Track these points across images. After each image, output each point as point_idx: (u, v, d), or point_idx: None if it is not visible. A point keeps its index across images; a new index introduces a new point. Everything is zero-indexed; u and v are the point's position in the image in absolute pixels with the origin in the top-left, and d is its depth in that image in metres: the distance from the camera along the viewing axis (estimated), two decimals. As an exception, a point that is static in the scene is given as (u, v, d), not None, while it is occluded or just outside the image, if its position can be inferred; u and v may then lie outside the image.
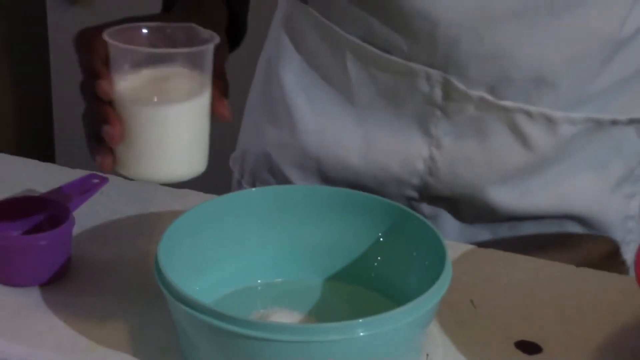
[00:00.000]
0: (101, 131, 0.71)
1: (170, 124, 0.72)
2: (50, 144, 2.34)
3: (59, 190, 0.90)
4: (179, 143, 0.73)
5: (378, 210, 0.84)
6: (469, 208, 0.96)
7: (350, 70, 0.94)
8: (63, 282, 0.85)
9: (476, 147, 0.92)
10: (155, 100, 0.72)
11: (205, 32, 0.74)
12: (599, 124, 0.92)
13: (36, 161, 1.07)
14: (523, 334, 0.80)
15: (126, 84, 0.72)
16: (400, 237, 0.83)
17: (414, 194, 0.96)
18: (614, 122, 0.93)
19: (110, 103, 0.72)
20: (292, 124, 0.99)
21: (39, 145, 2.38)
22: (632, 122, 0.94)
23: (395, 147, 0.95)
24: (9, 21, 2.25)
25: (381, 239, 0.84)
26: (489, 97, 0.90)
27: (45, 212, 0.87)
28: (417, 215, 0.82)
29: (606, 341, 0.80)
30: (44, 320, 0.80)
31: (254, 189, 0.88)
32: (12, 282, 0.84)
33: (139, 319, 0.79)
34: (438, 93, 0.90)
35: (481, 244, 0.94)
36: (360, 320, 0.68)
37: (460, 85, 0.89)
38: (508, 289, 0.87)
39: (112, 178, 0.94)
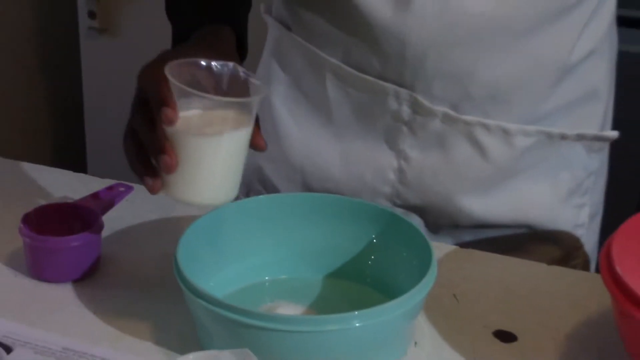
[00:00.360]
0: (157, 159, 0.70)
1: (218, 156, 0.72)
2: (83, 156, 2.34)
3: (90, 197, 0.91)
4: (224, 172, 0.73)
5: (372, 215, 0.84)
6: (439, 215, 0.96)
7: (329, 90, 0.94)
8: (93, 279, 0.85)
9: (440, 159, 0.92)
10: (207, 133, 0.71)
11: (245, 73, 0.74)
12: (550, 138, 0.92)
13: (70, 172, 1.07)
14: (500, 325, 0.80)
15: (181, 115, 0.71)
16: (391, 239, 0.83)
17: (388, 203, 0.96)
18: (563, 137, 0.92)
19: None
20: (279, 140, 0.99)
21: (72, 157, 2.39)
22: (580, 137, 0.93)
23: (369, 160, 0.95)
24: (45, 46, 2.26)
25: (374, 241, 0.85)
26: (452, 113, 0.90)
27: (78, 216, 0.87)
28: (407, 219, 0.83)
29: (574, 331, 0.80)
30: (76, 313, 0.80)
31: (262, 196, 0.88)
32: (48, 278, 0.84)
33: (161, 312, 0.80)
34: (405, 110, 0.90)
35: None
36: (356, 313, 0.68)
37: (426, 102, 0.89)
38: (487, 285, 0.87)
39: (136, 187, 0.94)
